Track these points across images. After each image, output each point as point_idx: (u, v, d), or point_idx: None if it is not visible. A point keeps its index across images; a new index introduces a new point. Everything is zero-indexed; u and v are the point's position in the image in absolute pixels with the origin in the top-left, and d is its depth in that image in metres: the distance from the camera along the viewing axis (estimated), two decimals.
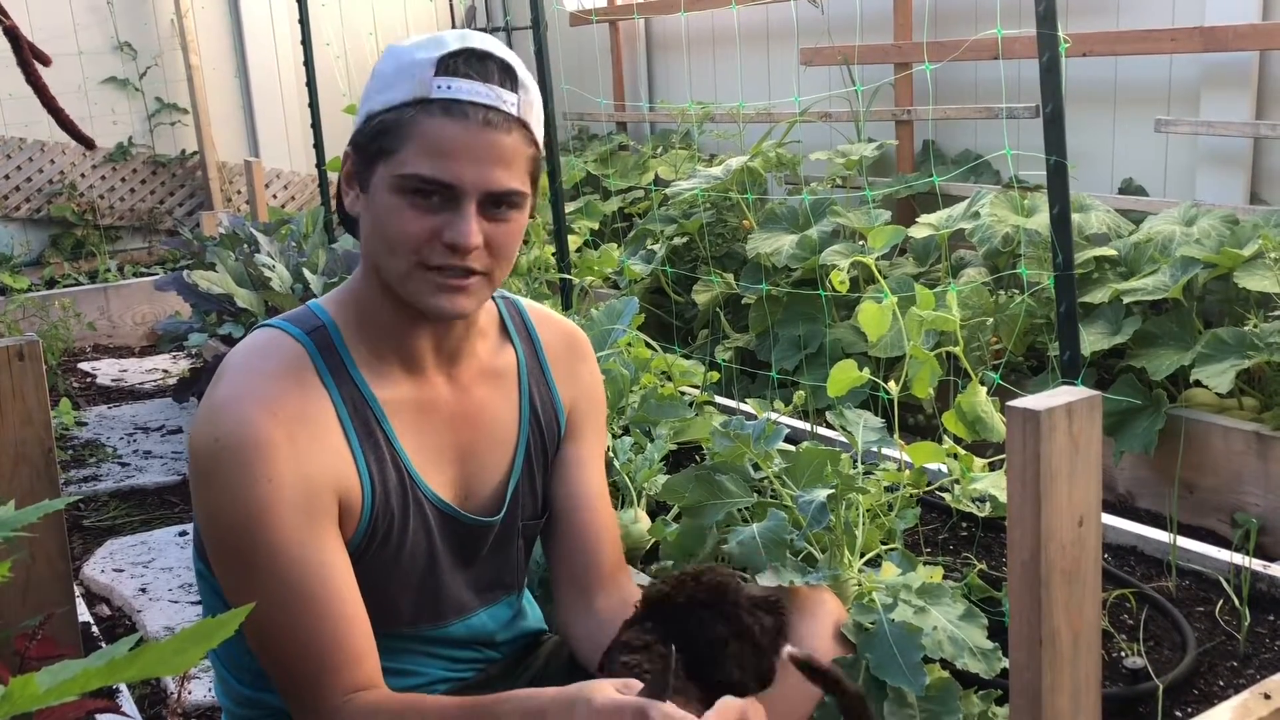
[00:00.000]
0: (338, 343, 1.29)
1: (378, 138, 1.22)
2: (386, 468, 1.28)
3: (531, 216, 1.30)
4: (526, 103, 1.25)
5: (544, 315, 1.49)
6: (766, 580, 1.41)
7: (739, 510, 1.72)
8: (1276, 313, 2.72)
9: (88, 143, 1.36)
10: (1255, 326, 2.69)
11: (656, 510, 2.32)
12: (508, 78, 1.23)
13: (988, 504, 1.88)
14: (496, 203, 1.23)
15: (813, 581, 1.41)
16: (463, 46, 1.22)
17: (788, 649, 1.12)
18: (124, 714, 1.43)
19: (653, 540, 2.13)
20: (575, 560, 1.44)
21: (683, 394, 2.74)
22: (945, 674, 1.44)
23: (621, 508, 2.14)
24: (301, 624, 1.20)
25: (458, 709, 1.19)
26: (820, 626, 1.39)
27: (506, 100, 1.22)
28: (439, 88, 1.20)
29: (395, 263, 1.23)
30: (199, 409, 1.24)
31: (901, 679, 1.37)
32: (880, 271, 3.12)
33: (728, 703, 1.07)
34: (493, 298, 1.42)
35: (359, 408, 1.27)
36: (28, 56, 1.19)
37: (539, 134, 1.28)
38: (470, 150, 1.20)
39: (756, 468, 1.78)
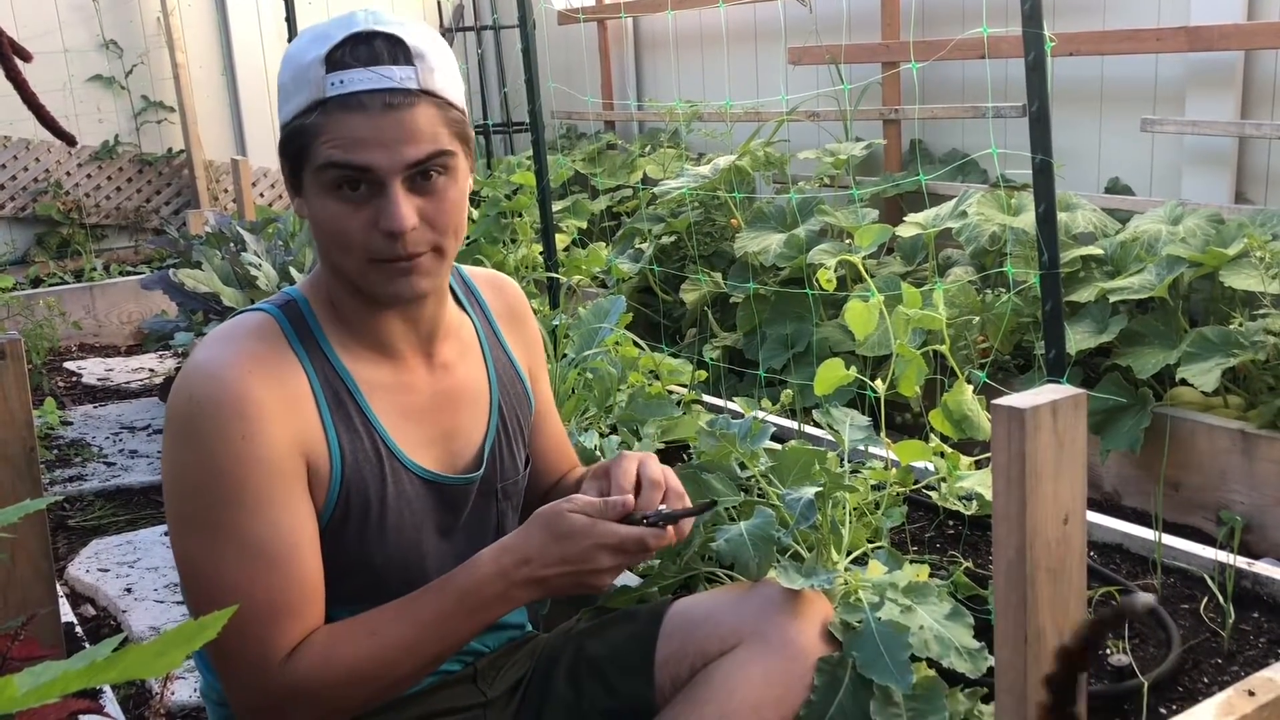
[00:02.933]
0: (308, 316, 1.31)
1: (292, 146, 1.23)
2: (360, 439, 1.29)
3: (475, 196, 1.31)
4: (427, 70, 1.23)
5: (485, 280, 1.53)
6: (778, 579, 1.42)
7: (726, 509, 1.72)
8: (1261, 311, 2.73)
9: (69, 139, 1.35)
10: (1240, 325, 2.71)
11: None
12: (399, 52, 1.21)
13: (974, 502, 1.89)
14: (424, 174, 1.23)
15: (816, 586, 1.41)
16: (347, 34, 1.20)
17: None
18: (107, 715, 1.42)
19: None
20: (537, 481, 1.58)
21: (670, 393, 2.74)
22: (931, 672, 1.44)
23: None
24: (262, 591, 1.19)
25: (420, 594, 1.25)
26: (808, 625, 1.40)
27: (400, 77, 1.21)
28: (332, 85, 1.19)
29: (348, 261, 1.25)
30: (180, 378, 1.25)
31: (889, 677, 1.37)
32: (867, 270, 3.12)
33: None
34: None
35: (330, 380, 1.29)
36: (7, 52, 1.19)
37: (453, 94, 1.26)
38: (378, 136, 1.20)
39: (743, 466, 1.78)
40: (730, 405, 2.92)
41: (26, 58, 1.39)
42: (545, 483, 1.60)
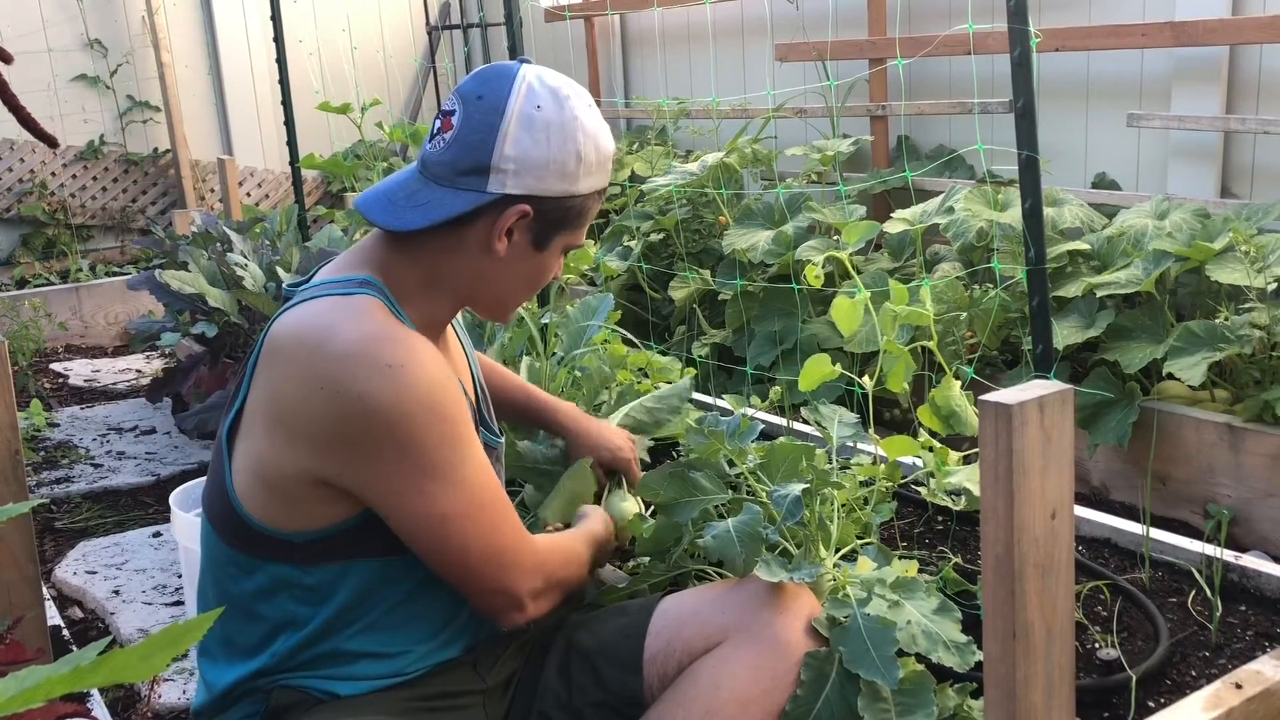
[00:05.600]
0: (390, 296, 1.39)
1: (571, 213, 1.42)
2: None
3: None
4: None
5: None
6: (761, 575, 1.42)
7: (714, 507, 1.72)
8: (1247, 305, 2.74)
9: (50, 141, 1.34)
10: (1226, 319, 2.72)
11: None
12: None
13: (963, 498, 1.89)
14: None
15: (798, 580, 1.42)
16: None
17: None
18: (94, 718, 1.42)
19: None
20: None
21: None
22: (920, 667, 1.44)
23: (609, 496, 2.14)
24: (497, 495, 1.39)
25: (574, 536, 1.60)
26: (793, 619, 1.40)
27: None
28: (607, 177, 1.46)
29: (523, 299, 1.49)
30: (317, 360, 1.28)
31: (875, 672, 1.37)
32: (855, 267, 3.13)
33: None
34: None
35: None
36: None
37: None
38: None
39: (732, 464, 1.78)
40: (719, 402, 2.92)
41: (7, 59, 1.39)
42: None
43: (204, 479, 1.51)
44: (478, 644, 1.49)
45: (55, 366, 4.83)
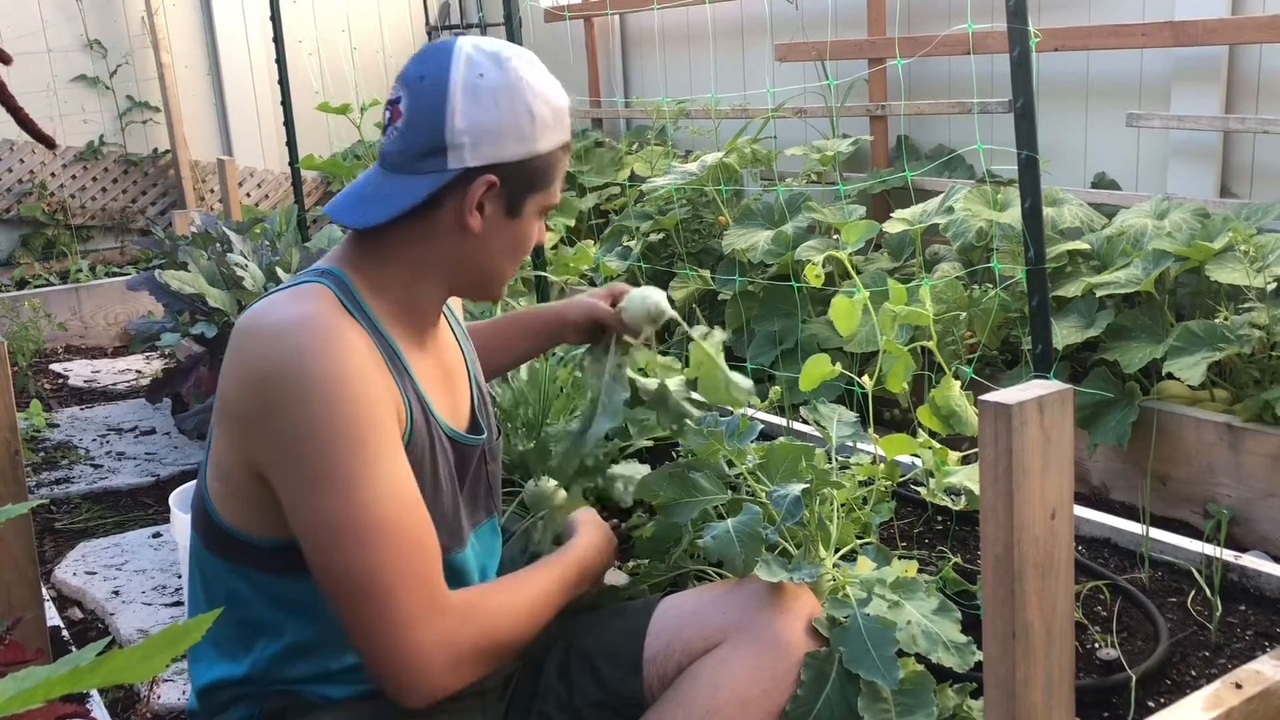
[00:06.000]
0: (350, 288, 1.35)
1: (539, 174, 1.38)
2: (411, 398, 1.35)
3: None
4: None
5: None
6: (761, 575, 1.42)
7: (714, 507, 1.72)
8: (1247, 305, 2.74)
9: (48, 142, 1.34)
10: (1226, 319, 2.72)
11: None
12: None
13: (963, 497, 1.89)
14: None
15: (798, 580, 1.42)
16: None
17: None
18: (94, 719, 1.42)
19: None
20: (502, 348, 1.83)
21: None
22: (920, 668, 1.44)
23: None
24: (406, 519, 1.23)
25: (545, 572, 1.42)
26: (793, 619, 1.40)
27: None
28: (569, 130, 1.42)
29: (510, 269, 1.44)
30: (252, 338, 1.25)
31: (875, 672, 1.37)
32: (855, 267, 3.13)
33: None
34: None
35: (383, 345, 1.34)
36: None
37: None
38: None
39: (731, 464, 1.78)
40: None
41: (6, 60, 1.39)
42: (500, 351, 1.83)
43: None
44: None
45: (55, 367, 4.83)
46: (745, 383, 1.74)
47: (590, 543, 1.52)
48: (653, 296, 1.73)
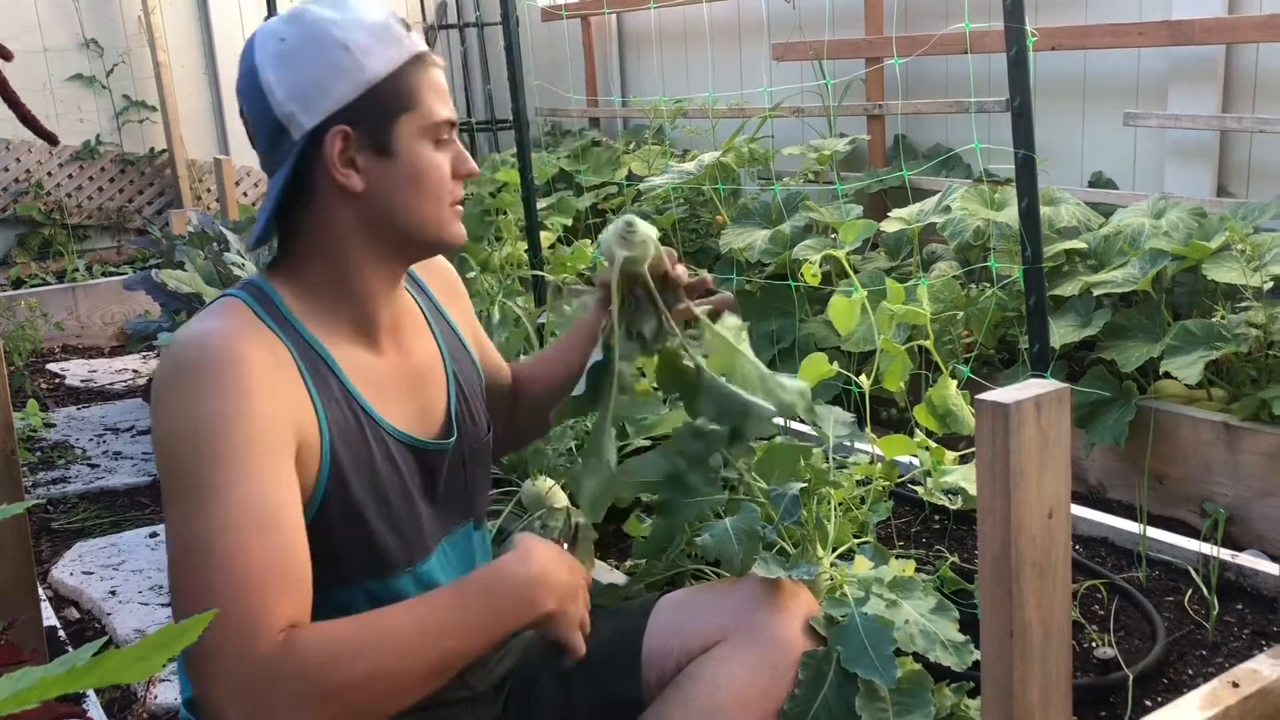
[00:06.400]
0: (275, 298, 1.30)
1: (391, 101, 1.28)
2: (341, 408, 1.29)
3: None
4: None
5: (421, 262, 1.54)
6: (759, 572, 1.42)
7: (711, 508, 1.72)
8: (1243, 304, 2.74)
9: (50, 138, 1.34)
10: (1223, 318, 2.72)
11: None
12: None
13: (959, 497, 1.89)
14: None
15: (794, 577, 1.42)
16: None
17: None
18: (90, 719, 1.42)
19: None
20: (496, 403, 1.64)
21: (656, 390, 2.73)
22: (917, 667, 1.44)
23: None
24: (254, 555, 1.12)
25: (409, 602, 1.20)
26: (792, 618, 1.40)
27: None
28: (416, 42, 1.31)
29: (435, 211, 1.32)
30: (162, 357, 1.24)
31: (873, 671, 1.37)
32: (852, 266, 3.12)
33: None
34: None
35: (306, 353, 1.28)
36: None
37: None
38: (445, 90, 1.34)
39: (726, 463, 1.78)
40: None
41: (7, 56, 1.38)
42: (517, 390, 1.70)
43: None
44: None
45: (51, 367, 4.83)
46: (794, 383, 1.41)
47: (501, 564, 1.24)
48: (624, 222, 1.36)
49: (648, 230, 1.35)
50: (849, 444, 1.92)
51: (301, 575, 1.16)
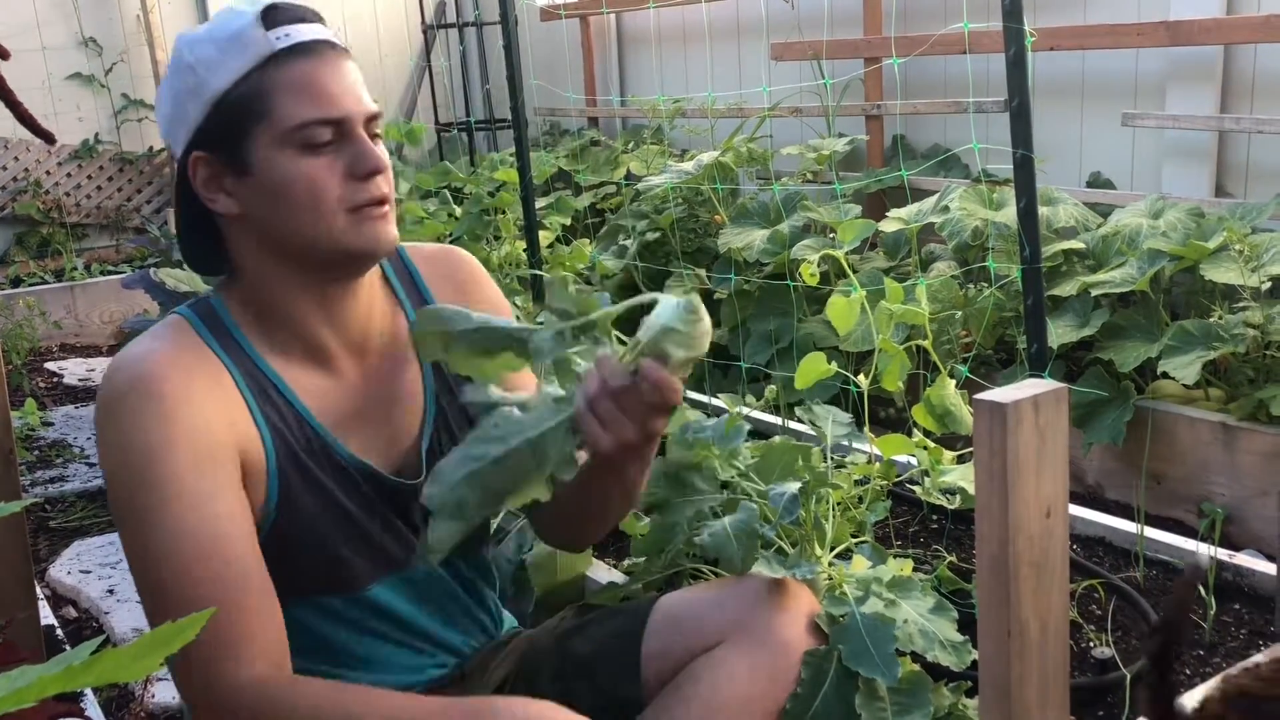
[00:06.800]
0: (224, 316, 1.27)
1: (240, 114, 1.18)
2: (291, 428, 1.26)
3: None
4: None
5: (422, 255, 1.45)
6: (760, 570, 1.42)
7: (709, 507, 1.72)
8: (1241, 304, 2.74)
9: (48, 137, 1.34)
10: (1221, 318, 2.72)
11: None
12: (317, 15, 1.26)
13: (957, 496, 1.89)
14: (370, 125, 1.23)
15: (797, 576, 1.42)
16: (265, 4, 1.20)
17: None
18: (88, 718, 1.41)
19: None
20: None
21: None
22: (916, 666, 1.44)
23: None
24: (197, 577, 1.12)
25: (395, 694, 1.16)
26: (793, 618, 1.39)
27: (331, 33, 1.25)
28: (278, 39, 1.19)
29: (323, 222, 1.19)
30: (102, 381, 1.22)
31: (875, 670, 1.37)
32: (851, 266, 3.13)
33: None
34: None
35: (253, 374, 1.25)
36: None
37: None
38: (338, 82, 1.20)
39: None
40: (715, 401, 2.92)
41: (4, 55, 1.38)
42: None
43: None
44: (464, 660, 1.47)
45: (50, 365, 4.82)
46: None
47: (497, 701, 1.15)
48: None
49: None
50: (847, 443, 1.92)
51: (256, 593, 1.16)
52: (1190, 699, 0.99)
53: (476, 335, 1.15)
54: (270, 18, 1.19)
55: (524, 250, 3.51)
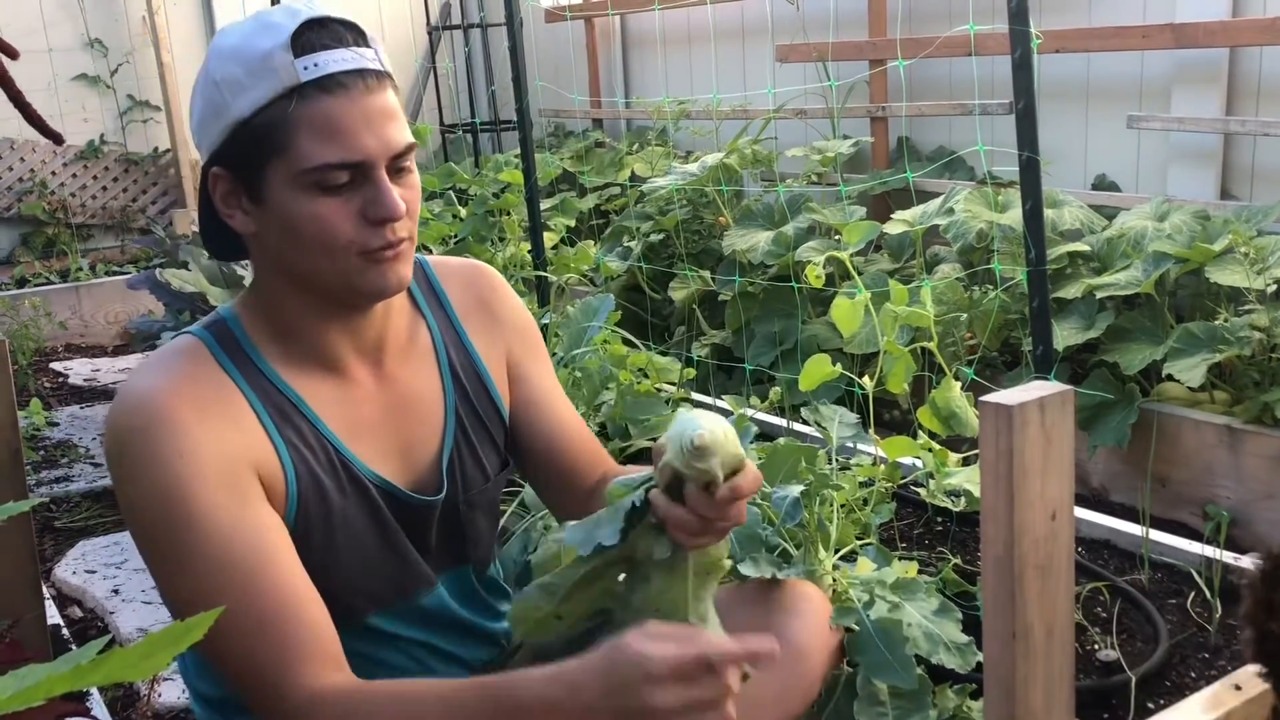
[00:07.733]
0: (240, 335, 1.25)
1: (258, 144, 1.15)
2: (312, 449, 1.24)
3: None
4: (383, 53, 1.21)
5: (447, 269, 1.44)
6: (746, 570, 1.41)
7: None
8: (1247, 307, 2.74)
9: (55, 137, 1.34)
10: (1226, 321, 2.72)
11: None
12: (359, 35, 1.19)
13: (962, 498, 1.89)
14: (399, 162, 1.19)
15: (789, 575, 1.41)
16: (302, 21, 1.14)
17: None
18: (94, 718, 1.42)
19: None
20: (569, 482, 1.44)
21: (659, 391, 2.74)
22: (919, 669, 1.44)
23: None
24: (247, 605, 1.12)
25: (464, 693, 1.09)
26: (810, 621, 1.38)
27: (369, 58, 1.18)
28: (305, 69, 1.13)
29: (334, 262, 1.18)
30: (110, 410, 1.20)
31: (895, 677, 1.37)
32: (855, 268, 3.13)
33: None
34: None
35: (270, 394, 1.23)
36: None
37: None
38: (364, 120, 1.15)
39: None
40: (719, 403, 2.92)
41: (13, 55, 1.39)
42: (582, 484, 1.44)
43: None
44: (482, 670, 1.46)
45: (55, 366, 4.83)
46: None
47: (562, 683, 1.06)
48: (697, 422, 1.07)
49: (715, 433, 1.07)
50: (852, 445, 1.92)
51: (307, 605, 1.15)
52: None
53: (574, 590, 1.18)
54: (302, 42, 1.14)
55: (529, 252, 3.51)
